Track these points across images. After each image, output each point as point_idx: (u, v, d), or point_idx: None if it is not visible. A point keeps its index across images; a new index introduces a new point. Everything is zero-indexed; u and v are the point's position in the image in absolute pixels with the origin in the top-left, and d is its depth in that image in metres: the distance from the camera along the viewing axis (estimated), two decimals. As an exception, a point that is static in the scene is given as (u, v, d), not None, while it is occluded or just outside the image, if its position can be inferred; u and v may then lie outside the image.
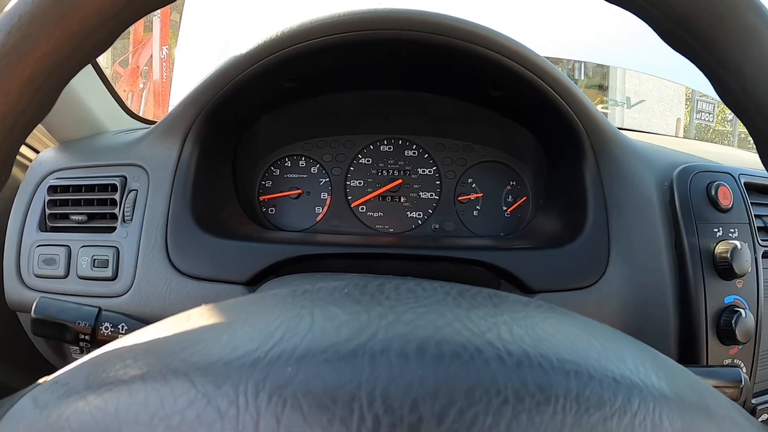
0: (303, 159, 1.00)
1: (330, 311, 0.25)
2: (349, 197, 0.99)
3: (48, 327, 0.60)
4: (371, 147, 1.00)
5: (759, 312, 0.76)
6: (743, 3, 0.31)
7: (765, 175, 0.84)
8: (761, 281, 0.77)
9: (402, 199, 0.99)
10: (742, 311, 0.72)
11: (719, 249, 0.74)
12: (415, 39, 0.74)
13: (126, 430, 0.21)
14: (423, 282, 0.29)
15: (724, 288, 0.74)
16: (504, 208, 0.99)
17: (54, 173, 0.83)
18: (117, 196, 0.78)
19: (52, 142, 0.99)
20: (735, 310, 0.72)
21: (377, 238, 0.95)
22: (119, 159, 0.82)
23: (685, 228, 0.75)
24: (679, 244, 0.75)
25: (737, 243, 0.73)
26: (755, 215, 0.80)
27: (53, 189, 0.81)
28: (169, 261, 0.73)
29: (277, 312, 0.26)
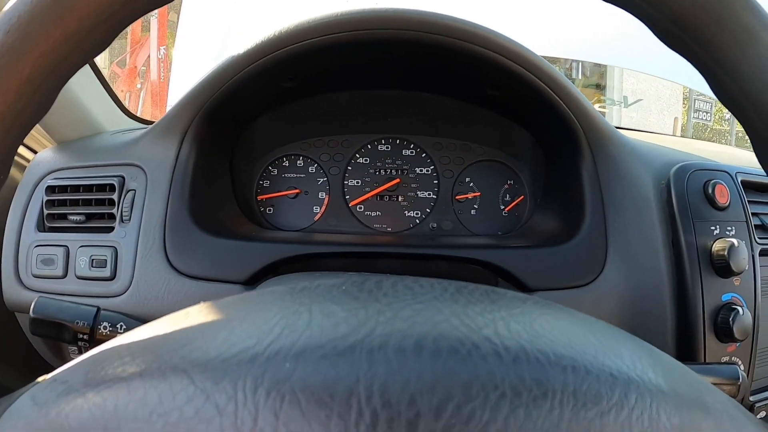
0: (301, 159, 1.00)
1: (328, 308, 0.25)
2: (347, 197, 0.99)
3: (46, 327, 0.60)
4: (369, 146, 1.00)
5: (756, 309, 0.76)
6: (740, 3, 0.31)
7: (762, 174, 0.84)
8: (758, 279, 0.77)
9: (400, 199, 0.99)
10: (739, 309, 0.72)
11: (716, 247, 0.74)
12: (413, 38, 0.74)
13: (125, 426, 0.21)
14: (420, 279, 0.29)
15: (721, 286, 0.74)
16: (501, 207, 0.99)
17: (52, 173, 0.83)
18: (115, 196, 0.78)
19: (49, 142, 0.98)
20: (732, 307, 0.73)
21: (375, 237, 0.95)
22: (117, 159, 0.82)
23: (683, 226, 0.75)
24: (677, 242, 0.75)
25: (734, 241, 0.73)
26: (752, 213, 0.80)
27: (51, 189, 0.81)
28: (167, 261, 0.73)
29: (276, 309, 0.26)
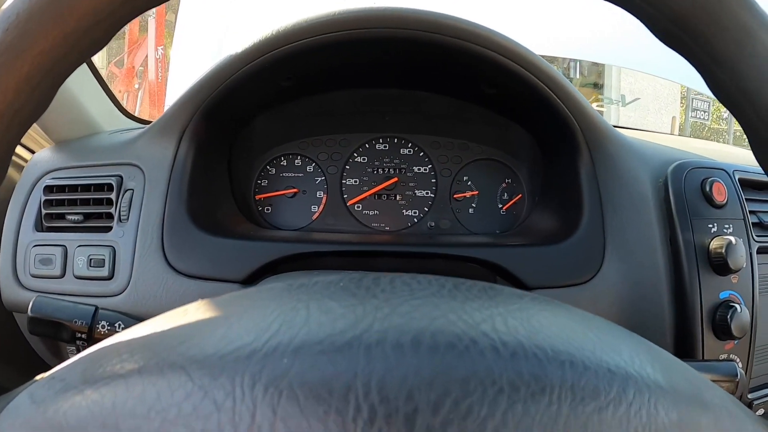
0: (299, 158, 1.00)
1: (326, 304, 0.25)
2: (345, 196, 0.99)
3: (44, 326, 0.60)
4: (367, 146, 1.00)
5: (754, 307, 0.76)
6: (739, 3, 0.31)
7: (759, 171, 0.84)
8: (756, 276, 0.77)
9: (398, 198, 0.99)
10: (737, 306, 0.72)
11: (714, 244, 0.74)
12: (410, 37, 0.74)
13: (123, 423, 0.21)
14: (418, 276, 0.29)
15: (719, 283, 0.74)
16: (499, 205, 0.99)
17: (50, 173, 0.83)
18: (113, 195, 0.78)
19: (47, 142, 0.98)
20: (730, 305, 0.73)
21: (373, 236, 0.95)
22: (115, 158, 0.82)
23: (680, 224, 0.75)
24: (674, 240, 0.75)
25: (732, 238, 0.73)
26: (750, 211, 0.80)
27: (49, 189, 0.81)
28: (166, 260, 0.73)
29: (274, 305, 0.26)
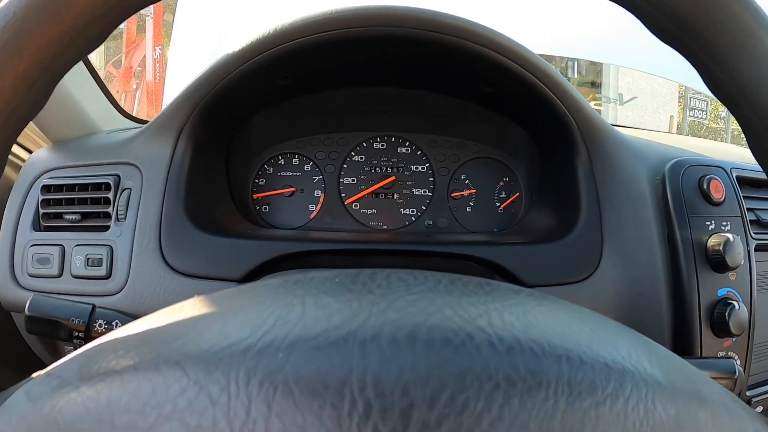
0: (296, 157, 1.00)
1: (321, 299, 0.25)
2: (343, 195, 0.99)
3: (42, 324, 0.60)
4: (364, 144, 1.00)
5: (752, 304, 0.76)
6: (739, 2, 0.31)
7: (757, 169, 0.84)
8: (754, 274, 0.77)
9: (395, 196, 0.99)
10: (735, 303, 0.72)
11: (712, 242, 0.74)
12: (408, 36, 0.74)
13: (118, 419, 0.21)
14: (414, 271, 0.29)
15: (717, 281, 0.75)
16: (497, 204, 0.99)
17: (47, 173, 0.83)
18: (110, 194, 0.78)
19: (45, 142, 0.98)
20: (728, 302, 0.73)
21: (371, 234, 0.95)
22: (112, 158, 0.82)
23: (678, 221, 0.75)
24: (672, 237, 0.75)
25: (730, 236, 0.73)
26: (747, 208, 0.80)
27: (46, 188, 0.81)
28: (163, 259, 0.73)
29: (269, 301, 0.26)
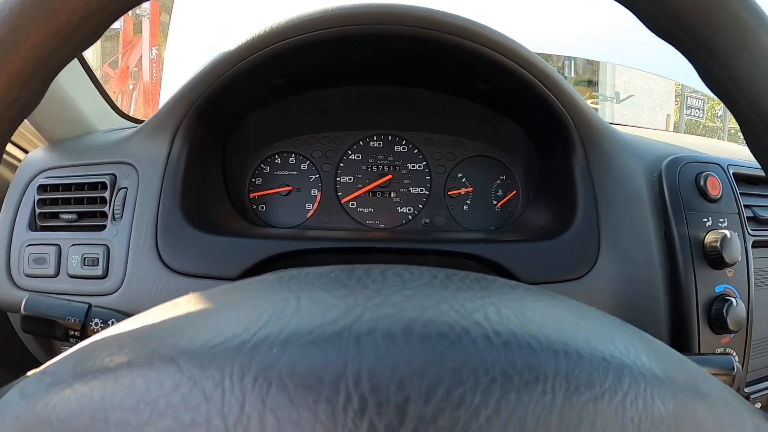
0: (293, 156, 1.00)
1: (316, 295, 0.25)
2: (339, 193, 0.99)
3: (37, 324, 0.60)
4: (361, 143, 1.00)
5: (750, 301, 0.76)
6: (738, 2, 0.31)
7: (753, 166, 0.85)
8: (752, 270, 0.77)
9: (392, 195, 0.99)
10: (733, 300, 0.72)
11: (709, 238, 0.74)
12: (404, 34, 0.74)
13: (112, 416, 0.21)
14: (410, 267, 0.29)
15: (714, 277, 0.75)
16: (494, 202, 0.99)
17: (43, 172, 0.83)
18: (107, 194, 0.78)
19: (41, 141, 0.98)
20: (726, 299, 0.73)
21: (368, 233, 0.95)
22: (109, 157, 0.81)
23: (675, 218, 0.75)
24: (669, 234, 0.75)
25: (727, 232, 0.73)
26: (744, 205, 0.80)
27: (43, 188, 0.81)
28: (160, 258, 0.73)
29: (264, 297, 0.26)
